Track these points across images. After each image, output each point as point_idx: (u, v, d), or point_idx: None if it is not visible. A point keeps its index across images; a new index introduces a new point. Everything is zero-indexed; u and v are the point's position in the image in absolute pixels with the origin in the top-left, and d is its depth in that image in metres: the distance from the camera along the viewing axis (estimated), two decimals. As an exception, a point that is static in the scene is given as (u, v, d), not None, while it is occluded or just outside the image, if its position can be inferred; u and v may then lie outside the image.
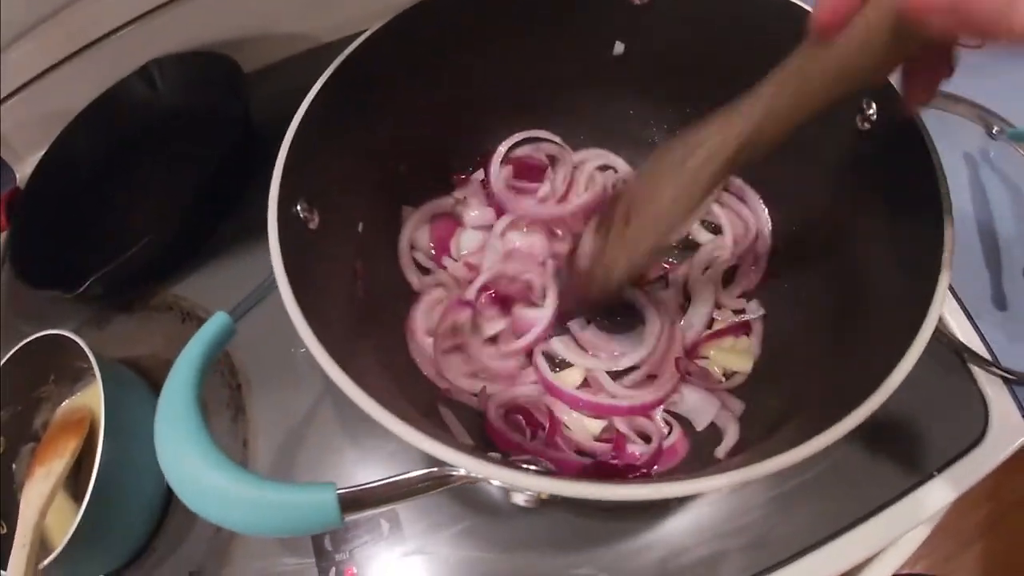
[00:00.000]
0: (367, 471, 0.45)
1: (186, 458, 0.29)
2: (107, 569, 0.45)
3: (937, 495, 0.41)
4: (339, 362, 0.29)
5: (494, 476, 0.26)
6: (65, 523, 0.40)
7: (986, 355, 0.45)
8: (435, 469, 0.28)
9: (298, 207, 0.36)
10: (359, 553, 0.42)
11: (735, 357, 0.46)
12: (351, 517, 0.28)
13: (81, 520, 0.39)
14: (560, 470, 0.40)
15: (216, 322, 0.34)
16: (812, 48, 0.28)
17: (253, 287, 0.39)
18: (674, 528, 0.41)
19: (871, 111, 0.38)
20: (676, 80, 0.45)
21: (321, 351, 0.29)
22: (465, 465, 0.26)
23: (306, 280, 0.33)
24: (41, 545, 0.41)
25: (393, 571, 0.42)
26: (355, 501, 0.28)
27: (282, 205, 0.34)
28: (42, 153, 0.63)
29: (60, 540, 0.39)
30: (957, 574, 0.74)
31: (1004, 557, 0.72)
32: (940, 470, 0.41)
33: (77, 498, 0.46)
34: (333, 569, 0.42)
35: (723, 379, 0.46)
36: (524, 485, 0.26)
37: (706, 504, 0.42)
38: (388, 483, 0.28)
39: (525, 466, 0.27)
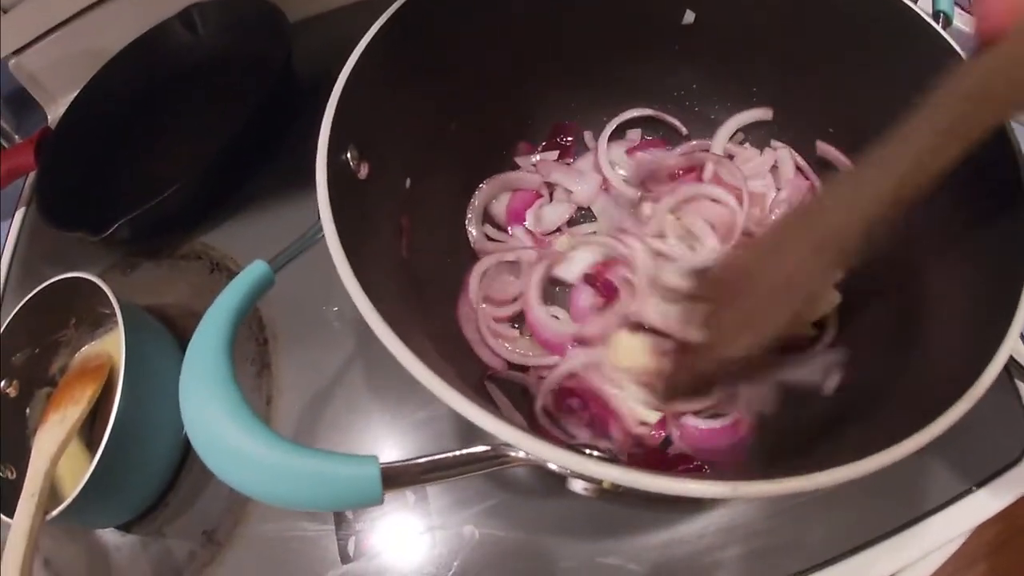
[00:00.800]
0: (395, 438, 0.41)
1: (212, 414, 0.25)
2: (117, 522, 0.42)
3: (973, 512, 0.37)
4: (393, 328, 0.24)
5: (559, 461, 0.22)
6: (78, 472, 0.37)
7: (1033, 371, 0.41)
8: (488, 448, 0.24)
9: (348, 155, 0.31)
10: (381, 524, 0.39)
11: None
12: (390, 493, 0.24)
13: (94, 470, 0.36)
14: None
15: (255, 270, 0.30)
16: (973, 60, 0.23)
17: (287, 239, 0.34)
18: (706, 524, 0.37)
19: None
20: (747, 58, 0.40)
21: (374, 315, 0.25)
22: (528, 448, 0.22)
23: (352, 231, 0.28)
24: (51, 493, 0.37)
25: (414, 546, 0.38)
26: (398, 477, 0.24)
27: (332, 150, 0.30)
28: (75, 94, 0.59)
29: (71, 490, 0.36)
30: (959, 592, 0.72)
31: (1008, 579, 0.69)
32: (979, 485, 0.38)
33: (91, 447, 0.42)
34: (352, 539, 0.38)
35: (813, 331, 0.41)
36: (592, 473, 0.22)
37: (740, 502, 0.38)
38: (435, 460, 0.24)
39: (588, 452, 0.23)
